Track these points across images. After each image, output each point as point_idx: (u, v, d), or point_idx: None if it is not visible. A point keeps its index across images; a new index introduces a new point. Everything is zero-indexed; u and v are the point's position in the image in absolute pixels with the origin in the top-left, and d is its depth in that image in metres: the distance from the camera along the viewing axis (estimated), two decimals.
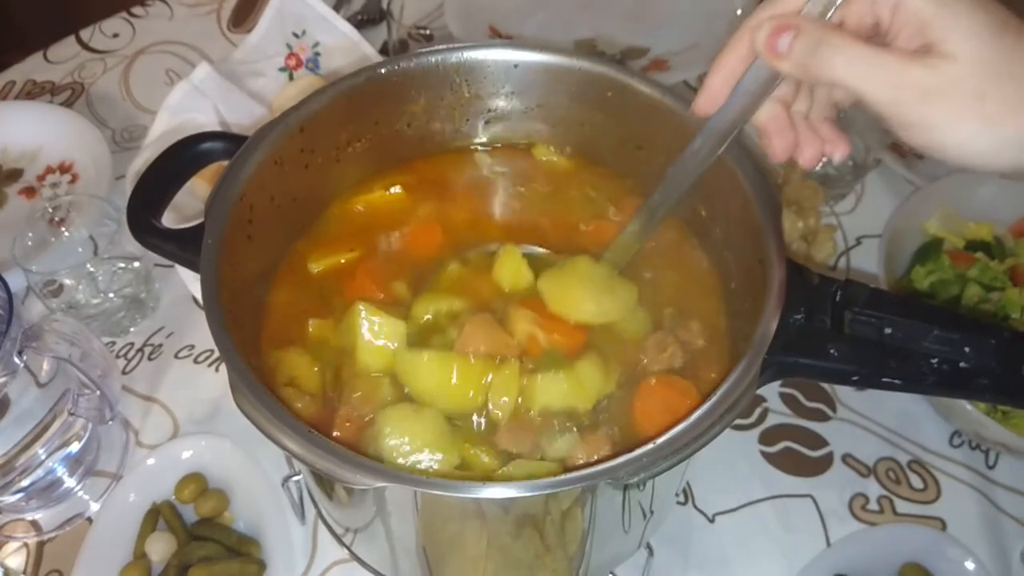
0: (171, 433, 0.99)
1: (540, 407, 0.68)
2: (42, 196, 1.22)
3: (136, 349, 1.07)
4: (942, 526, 0.92)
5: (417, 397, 0.69)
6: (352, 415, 0.68)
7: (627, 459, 0.53)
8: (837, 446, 0.97)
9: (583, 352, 0.71)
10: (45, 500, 0.94)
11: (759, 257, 0.64)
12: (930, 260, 1.01)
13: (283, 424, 0.54)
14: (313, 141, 0.75)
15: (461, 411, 0.68)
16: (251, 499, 0.91)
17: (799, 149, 0.60)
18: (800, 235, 1.09)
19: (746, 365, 0.57)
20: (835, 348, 0.60)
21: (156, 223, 0.69)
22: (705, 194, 0.75)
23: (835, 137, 0.61)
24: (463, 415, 0.68)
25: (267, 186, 0.71)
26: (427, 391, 0.69)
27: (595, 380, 0.70)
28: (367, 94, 0.76)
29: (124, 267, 1.06)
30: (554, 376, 0.68)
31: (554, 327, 0.71)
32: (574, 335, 0.72)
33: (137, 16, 1.49)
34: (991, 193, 1.08)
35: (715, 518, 0.92)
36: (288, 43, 1.27)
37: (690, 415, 0.55)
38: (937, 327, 0.59)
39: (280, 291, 0.76)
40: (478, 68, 0.78)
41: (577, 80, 0.77)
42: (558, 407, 0.68)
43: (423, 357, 0.68)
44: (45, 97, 1.36)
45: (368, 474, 0.51)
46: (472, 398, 0.68)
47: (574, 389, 0.68)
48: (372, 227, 0.80)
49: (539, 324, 0.71)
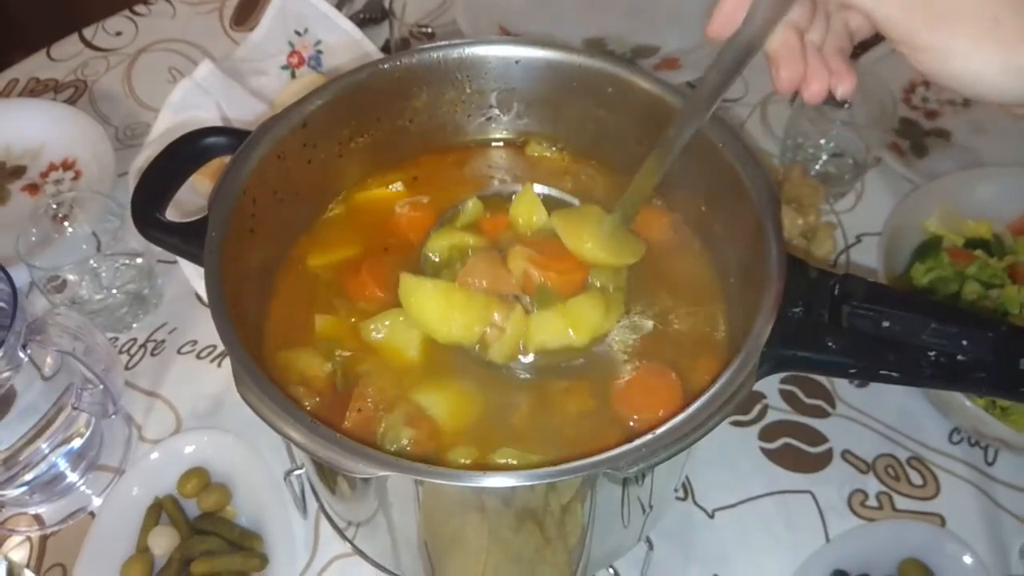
0: (174, 428, 1.00)
1: (536, 345, 0.70)
2: (45, 193, 1.23)
3: (139, 345, 1.07)
4: (941, 522, 0.92)
5: (417, 326, 0.70)
6: (365, 405, 0.68)
7: (626, 449, 0.53)
8: (836, 442, 0.98)
9: (581, 290, 0.72)
10: (48, 494, 0.94)
11: (758, 253, 0.65)
12: (929, 257, 1.02)
13: (287, 414, 0.54)
14: (315, 136, 0.75)
15: (459, 342, 0.70)
16: (253, 493, 0.92)
17: (805, 82, 0.58)
18: (800, 232, 1.10)
19: (744, 358, 0.57)
20: (833, 341, 0.61)
21: (160, 217, 0.69)
22: (705, 190, 0.76)
23: (844, 70, 0.58)
24: (460, 347, 0.70)
25: (269, 180, 0.72)
26: (425, 319, 0.70)
27: (591, 317, 0.70)
28: (369, 90, 0.76)
29: (127, 263, 1.07)
30: (547, 314, 0.69)
31: (551, 265, 0.72)
32: (572, 274, 0.72)
33: (140, 14, 1.49)
34: (990, 191, 1.08)
35: (715, 514, 0.92)
36: (290, 41, 1.27)
37: (690, 407, 0.55)
38: (935, 320, 0.60)
39: (283, 286, 0.77)
40: (480, 64, 0.78)
41: (578, 76, 0.77)
42: (554, 345, 0.70)
43: (425, 285, 0.70)
44: (48, 95, 1.36)
45: (370, 463, 0.52)
46: (470, 330, 0.69)
47: (569, 325, 0.69)
48: (374, 223, 0.81)
49: (535, 261, 0.71)
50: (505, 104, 0.83)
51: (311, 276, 0.78)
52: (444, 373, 0.71)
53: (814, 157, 1.19)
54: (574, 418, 0.70)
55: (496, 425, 0.69)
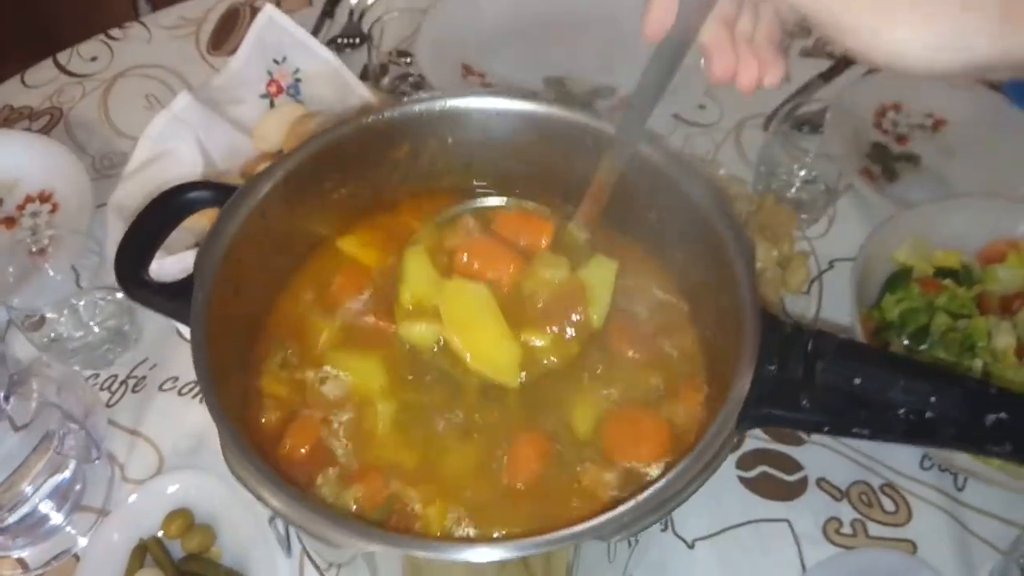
0: (156, 467, 1.00)
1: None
2: (22, 226, 1.22)
3: (120, 381, 1.07)
4: (913, 548, 0.94)
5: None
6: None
7: (609, 517, 0.54)
8: (812, 470, 1.00)
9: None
10: (32, 537, 0.94)
11: (734, 305, 0.66)
12: (900, 289, 1.04)
13: (275, 487, 0.55)
14: (298, 191, 0.76)
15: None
16: (237, 533, 0.92)
17: (737, 73, 0.61)
18: (775, 262, 1.12)
19: (723, 420, 0.59)
20: (807, 399, 0.62)
21: (145, 276, 0.70)
22: (680, 236, 0.77)
23: (772, 59, 0.61)
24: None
25: (252, 237, 0.72)
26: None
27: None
28: (352, 144, 0.77)
29: (107, 299, 1.06)
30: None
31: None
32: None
33: (115, 39, 1.48)
34: (959, 220, 1.10)
35: (695, 544, 0.94)
36: (269, 70, 1.27)
37: (669, 472, 0.57)
38: (904, 378, 0.61)
39: (267, 351, 0.78)
40: (461, 116, 0.79)
41: (557, 128, 0.79)
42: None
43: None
44: (23, 123, 1.35)
45: (357, 537, 0.53)
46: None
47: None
48: (356, 272, 0.82)
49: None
50: (486, 154, 0.83)
51: (296, 331, 0.79)
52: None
53: (787, 183, 1.21)
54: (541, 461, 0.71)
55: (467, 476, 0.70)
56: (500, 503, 0.68)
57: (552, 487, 0.69)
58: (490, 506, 0.68)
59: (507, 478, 0.70)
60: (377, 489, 0.68)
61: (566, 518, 0.58)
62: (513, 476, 0.70)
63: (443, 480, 0.70)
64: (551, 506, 0.68)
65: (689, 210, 0.72)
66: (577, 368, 0.73)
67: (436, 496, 0.68)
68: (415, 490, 0.69)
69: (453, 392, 0.74)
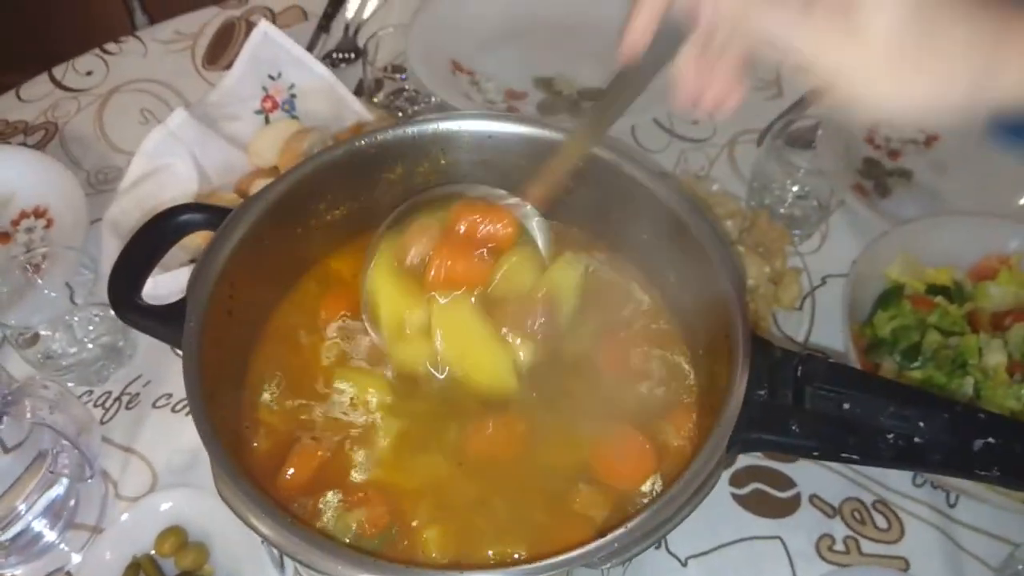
0: (150, 484, 1.00)
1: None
2: (17, 241, 1.22)
3: (114, 398, 1.07)
4: (905, 565, 0.94)
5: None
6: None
7: (599, 544, 0.55)
8: (804, 487, 1.00)
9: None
10: (25, 555, 0.94)
11: (725, 331, 0.67)
12: (892, 306, 1.04)
13: (264, 514, 0.55)
14: (292, 214, 0.76)
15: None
16: (230, 551, 0.92)
17: (699, 99, 0.62)
18: (768, 278, 1.12)
19: (713, 445, 0.59)
20: (796, 424, 0.63)
21: (138, 300, 0.70)
22: (673, 262, 0.78)
23: (732, 84, 0.61)
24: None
25: (245, 261, 0.72)
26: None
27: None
28: (345, 166, 0.78)
29: (101, 316, 1.06)
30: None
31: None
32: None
33: (111, 53, 1.48)
34: (951, 237, 1.11)
35: (687, 562, 0.94)
36: (264, 86, 1.28)
37: (660, 498, 0.57)
38: (893, 403, 0.62)
39: (261, 372, 0.78)
40: (454, 138, 0.80)
41: (549, 150, 0.79)
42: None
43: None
44: (18, 138, 1.35)
45: (344, 565, 0.53)
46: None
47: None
48: (350, 293, 0.82)
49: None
50: (478, 175, 0.84)
51: (290, 350, 0.79)
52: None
53: (780, 199, 1.22)
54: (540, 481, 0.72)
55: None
56: (497, 526, 0.68)
57: (546, 510, 0.70)
58: (487, 529, 0.68)
59: (503, 501, 0.70)
60: (379, 514, 0.68)
61: (561, 542, 0.58)
62: (509, 499, 0.70)
63: (442, 503, 0.70)
64: (547, 530, 0.68)
65: (681, 233, 0.73)
66: (567, 392, 0.73)
67: (435, 520, 0.69)
68: (414, 513, 0.69)
69: (452, 411, 0.75)
